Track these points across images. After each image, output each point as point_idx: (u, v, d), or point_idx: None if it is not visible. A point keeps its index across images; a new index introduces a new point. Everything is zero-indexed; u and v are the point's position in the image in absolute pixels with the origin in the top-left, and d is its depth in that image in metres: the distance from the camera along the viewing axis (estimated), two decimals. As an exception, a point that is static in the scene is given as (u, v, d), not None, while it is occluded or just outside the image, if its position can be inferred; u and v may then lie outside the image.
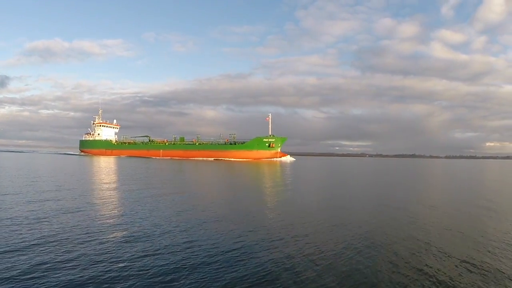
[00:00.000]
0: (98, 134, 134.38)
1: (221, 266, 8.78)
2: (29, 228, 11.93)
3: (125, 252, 9.60)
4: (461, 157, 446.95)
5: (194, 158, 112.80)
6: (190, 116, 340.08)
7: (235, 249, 10.21)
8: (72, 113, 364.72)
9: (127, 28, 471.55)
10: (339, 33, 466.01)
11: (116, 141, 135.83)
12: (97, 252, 9.54)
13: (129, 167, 56.22)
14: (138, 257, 9.22)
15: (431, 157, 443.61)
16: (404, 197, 25.14)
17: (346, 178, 44.65)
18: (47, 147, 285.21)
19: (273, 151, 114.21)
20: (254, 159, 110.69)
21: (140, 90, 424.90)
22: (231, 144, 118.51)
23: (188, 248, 10.22)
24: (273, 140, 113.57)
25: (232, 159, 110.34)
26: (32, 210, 15.03)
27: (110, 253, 9.45)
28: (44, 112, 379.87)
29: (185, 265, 8.81)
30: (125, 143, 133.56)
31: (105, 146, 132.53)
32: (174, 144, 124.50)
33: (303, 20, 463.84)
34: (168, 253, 9.70)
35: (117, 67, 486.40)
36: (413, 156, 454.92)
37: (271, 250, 10.27)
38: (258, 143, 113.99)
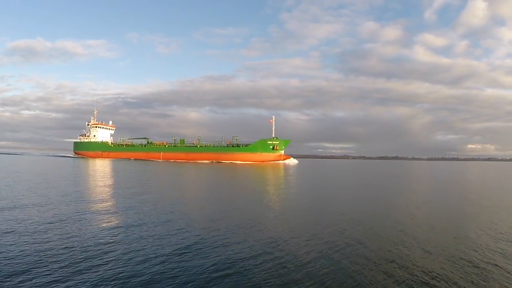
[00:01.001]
0: (94, 135, 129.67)
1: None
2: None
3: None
4: (443, 159, 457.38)
5: (196, 161, 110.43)
6: (173, 117, 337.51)
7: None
8: (54, 114, 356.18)
9: (110, 28, 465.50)
10: (322, 36, 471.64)
11: (112, 143, 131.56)
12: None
13: (132, 171, 53.44)
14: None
15: (413, 159, 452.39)
16: (391, 199, 25.28)
17: (350, 181, 43.64)
18: (29, 148, 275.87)
19: (277, 154, 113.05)
20: (258, 162, 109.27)
21: (122, 91, 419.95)
22: (233, 146, 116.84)
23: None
24: (277, 142, 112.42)
25: (236, 162, 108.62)
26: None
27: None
28: (26, 113, 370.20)
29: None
30: (122, 145, 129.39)
31: (101, 148, 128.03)
32: (174, 146, 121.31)
33: (287, 23, 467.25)
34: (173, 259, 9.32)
35: (99, 68, 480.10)
36: (396, 158, 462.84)
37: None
38: (262, 145, 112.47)
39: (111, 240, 10.96)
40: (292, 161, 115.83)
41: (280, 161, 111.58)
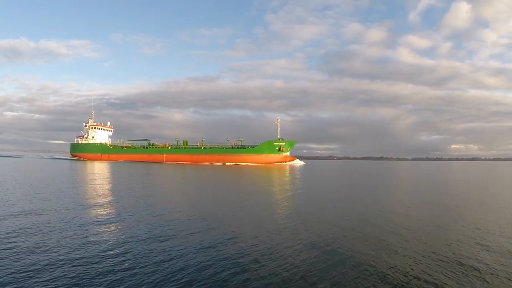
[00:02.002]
0: (93, 137, 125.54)
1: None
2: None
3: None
4: (427, 159, 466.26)
5: (201, 163, 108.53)
6: (157, 119, 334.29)
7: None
8: (37, 115, 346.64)
9: (94, 29, 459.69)
10: (307, 37, 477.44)
11: (112, 144, 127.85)
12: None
13: (143, 174, 51.15)
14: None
15: (398, 159, 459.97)
16: (379, 198, 25.52)
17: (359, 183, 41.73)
18: (13, 150, 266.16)
19: (282, 155, 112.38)
20: (265, 163, 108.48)
21: (107, 92, 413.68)
22: (238, 148, 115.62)
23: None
24: (283, 144, 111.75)
25: (242, 164, 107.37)
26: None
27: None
28: (9, 114, 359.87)
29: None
30: (122, 147, 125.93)
31: (101, 150, 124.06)
32: (178, 148, 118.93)
33: (272, 24, 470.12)
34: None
35: (84, 69, 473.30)
36: (380, 158, 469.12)
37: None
38: (268, 147, 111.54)
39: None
40: (298, 162, 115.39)
41: (286, 163, 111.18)
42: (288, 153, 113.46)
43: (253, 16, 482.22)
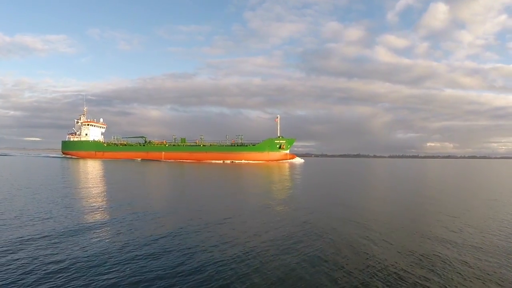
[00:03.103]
0: (86, 134, 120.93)
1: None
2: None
3: None
4: (404, 156, 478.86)
5: (201, 161, 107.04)
6: (134, 115, 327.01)
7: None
8: (12, 112, 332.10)
9: (71, 23, 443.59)
10: (285, 35, 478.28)
11: (106, 142, 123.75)
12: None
13: (146, 173, 49.28)
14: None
15: (375, 156, 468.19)
16: (357, 195, 26.22)
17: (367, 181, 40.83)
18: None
19: (283, 153, 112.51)
20: (265, 161, 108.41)
21: (83, 88, 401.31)
22: (238, 145, 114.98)
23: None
24: (284, 141, 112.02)
25: (244, 161, 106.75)
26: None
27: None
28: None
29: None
30: (117, 144, 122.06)
31: (95, 148, 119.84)
32: (177, 145, 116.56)
33: (251, 21, 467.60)
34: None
35: (60, 64, 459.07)
36: (357, 156, 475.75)
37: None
38: (269, 144, 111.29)
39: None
40: (298, 160, 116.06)
41: (286, 160, 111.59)
42: (288, 151, 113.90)
43: (231, 13, 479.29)
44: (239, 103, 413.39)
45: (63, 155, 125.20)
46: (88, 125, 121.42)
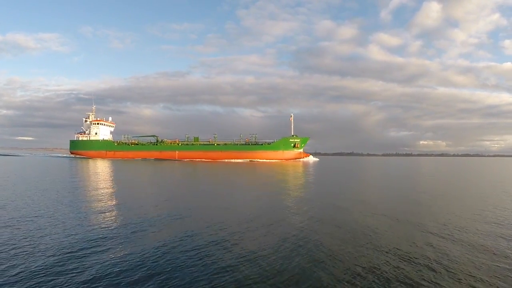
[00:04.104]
0: (96, 133, 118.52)
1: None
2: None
3: None
4: (397, 154, 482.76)
5: (216, 160, 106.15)
6: (127, 114, 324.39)
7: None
8: (4, 111, 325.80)
9: (64, 21, 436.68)
10: (279, 33, 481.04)
11: (117, 141, 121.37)
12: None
13: (173, 175, 47.18)
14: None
15: (368, 155, 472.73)
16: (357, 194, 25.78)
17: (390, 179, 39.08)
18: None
19: (297, 152, 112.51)
20: (280, 160, 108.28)
21: (75, 87, 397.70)
22: (252, 144, 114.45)
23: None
24: (298, 140, 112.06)
25: (259, 160, 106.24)
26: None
27: None
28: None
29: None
30: (128, 143, 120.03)
31: (105, 147, 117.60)
32: (191, 144, 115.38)
33: (244, 19, 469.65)
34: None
35: (52, 63, 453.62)
36: (351, 154, 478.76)
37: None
38: (284, 143, 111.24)
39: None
40: (312, 159, 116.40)
41: (301, 159, 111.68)
42: (301, 150, 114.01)
43: (225, 11, 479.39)
44: (232, 101, 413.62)
45: (72, 155, 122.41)
46: (97, 124, 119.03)
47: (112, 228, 12.59)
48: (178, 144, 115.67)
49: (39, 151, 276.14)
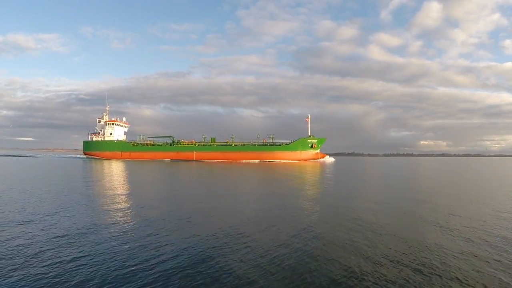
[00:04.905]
0: (110, 133, 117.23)
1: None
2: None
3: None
4: (398, 154, 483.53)
5: (235, 161, 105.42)
6: (127, 115, 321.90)
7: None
8: (4, 112, 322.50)
9: (64, 21, 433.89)
10: (279, 33, 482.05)
11: (131, 141, 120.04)
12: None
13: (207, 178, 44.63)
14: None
15: (369, 155, 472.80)
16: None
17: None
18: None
19: (314, 152, 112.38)
20: (298, 160, 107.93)
21: (76, 87, 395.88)
22: (269, 145, 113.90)
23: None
24: (315, 141, 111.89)
25: (278, 161, 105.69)
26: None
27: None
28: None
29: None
30: (144, 144, 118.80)
31: (120, 148, 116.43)
32: (209, 145, 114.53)
33: (244, 20, 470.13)
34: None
35: (52, 63, 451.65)
36: (352, 154, 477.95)
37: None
38: (302, 144, 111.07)
39: None
40: (329, 159, 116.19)
41: (318, 160, 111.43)
42: (318, 150, 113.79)
43: (225, 11, 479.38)
44: (233, 101, 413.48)
45: (85, 156, 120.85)
46: (112, 124, 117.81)
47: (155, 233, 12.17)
48: (195, 145, 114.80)
49: (42, 152, 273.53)
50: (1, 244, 10.21)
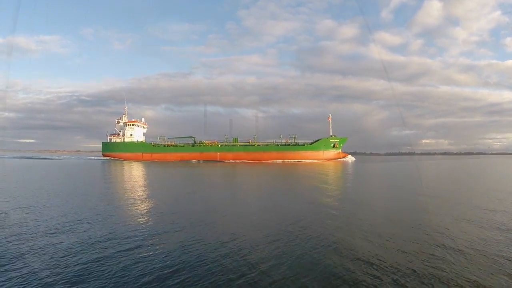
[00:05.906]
0: (131, 134, 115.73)
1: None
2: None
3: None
4: (400, 153, 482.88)
5: (259, 161, 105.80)
6: (129, 116, 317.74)
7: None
8: (6, 114, 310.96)
9: (64, 23, 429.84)
10: (280, 33, 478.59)
11: (153, 143, 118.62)
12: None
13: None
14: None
15: (371, 154, 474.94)
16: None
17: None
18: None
19: (336, 152, 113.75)
20: (321, 160, 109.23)
21: (77, 89, 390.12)
22: (292, 145, 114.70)
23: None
24: (337, 140, 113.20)
25: (302, 161, 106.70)
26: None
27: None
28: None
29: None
30: (165, 145, 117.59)
31: (141, 149, 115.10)
32: (232, 145, 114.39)
33: (245, 20, 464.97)
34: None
35: (53, 65, 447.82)
36: (354, 153, 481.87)
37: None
38: (324, 143, 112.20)
39: None
40: (350, 158, 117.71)
41: (340, 159, 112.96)
42: (340, 150, 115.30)
43: (225, 11, 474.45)
44: (234, 102, 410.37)
45: (104, 158, 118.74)
46: (132, 125, 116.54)
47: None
48: (218, 145, 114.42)
49: (45, 153, 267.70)
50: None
